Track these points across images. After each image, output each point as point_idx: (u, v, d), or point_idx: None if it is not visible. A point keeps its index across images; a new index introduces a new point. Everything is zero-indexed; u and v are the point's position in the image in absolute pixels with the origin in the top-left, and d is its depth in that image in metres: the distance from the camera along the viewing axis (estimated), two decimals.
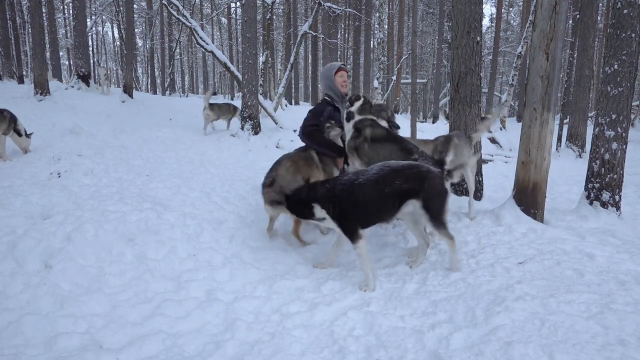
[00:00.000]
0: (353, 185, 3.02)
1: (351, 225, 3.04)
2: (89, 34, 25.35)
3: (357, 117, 3.71)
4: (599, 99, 4.24)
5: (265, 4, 13.57)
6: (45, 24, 14.84)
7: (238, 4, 22.62)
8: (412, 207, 3.06)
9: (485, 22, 33.47)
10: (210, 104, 9.38)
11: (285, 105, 15.44)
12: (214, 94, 11.23)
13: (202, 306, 2.71)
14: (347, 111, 3.80)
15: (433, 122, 16.66)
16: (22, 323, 2.37)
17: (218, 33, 37.74)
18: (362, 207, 3.02)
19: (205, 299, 2.81)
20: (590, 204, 4.28)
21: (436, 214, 3.03)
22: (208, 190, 5.13)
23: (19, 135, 6.34)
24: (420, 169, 3.06)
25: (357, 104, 3.75)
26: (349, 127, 3.79)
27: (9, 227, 3.43)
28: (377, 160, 3.46)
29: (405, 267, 3.22)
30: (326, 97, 4.27)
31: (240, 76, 10.93)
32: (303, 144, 4.17)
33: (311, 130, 4.03)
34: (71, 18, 23.28)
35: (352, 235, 3.02)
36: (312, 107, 4.37)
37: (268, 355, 2.23)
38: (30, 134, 6.54)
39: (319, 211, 3.12)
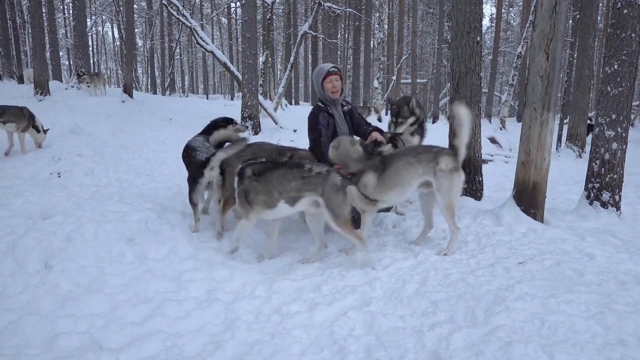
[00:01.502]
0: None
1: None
2: (89, 34, 25.30)
3: None
4: (599, 99, 4.24)
5: (265, 4, 13.57)
6: (45, 24, 14.83)
7: (238, 4, 22.63)
8: None
9: (485, 22, 33.49)
10: None
11: (286, 105, 15.45)
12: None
13: (202, 306, 2.70)
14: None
15: (433, 122, 16.61)
16: (22, 323, 2.36)
17: (218, 33, 37.74)
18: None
19: (205, 299, 2.81)
20: (590, 204, 4.28)
21: None
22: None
23: (38, 131, 6.64)
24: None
25: None
26: None
27: (9, 227, 3.43)
28: None
29: (406, 267, 3.20)
30: (319, 103, 4.07)
31: (240, 76, 10.94)
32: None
33: (313, 146, 3.93)
34: (71, 18, 23.27)
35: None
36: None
37: (268, 355, 2.23)
38: (47, 129, 6.80)
39: None
